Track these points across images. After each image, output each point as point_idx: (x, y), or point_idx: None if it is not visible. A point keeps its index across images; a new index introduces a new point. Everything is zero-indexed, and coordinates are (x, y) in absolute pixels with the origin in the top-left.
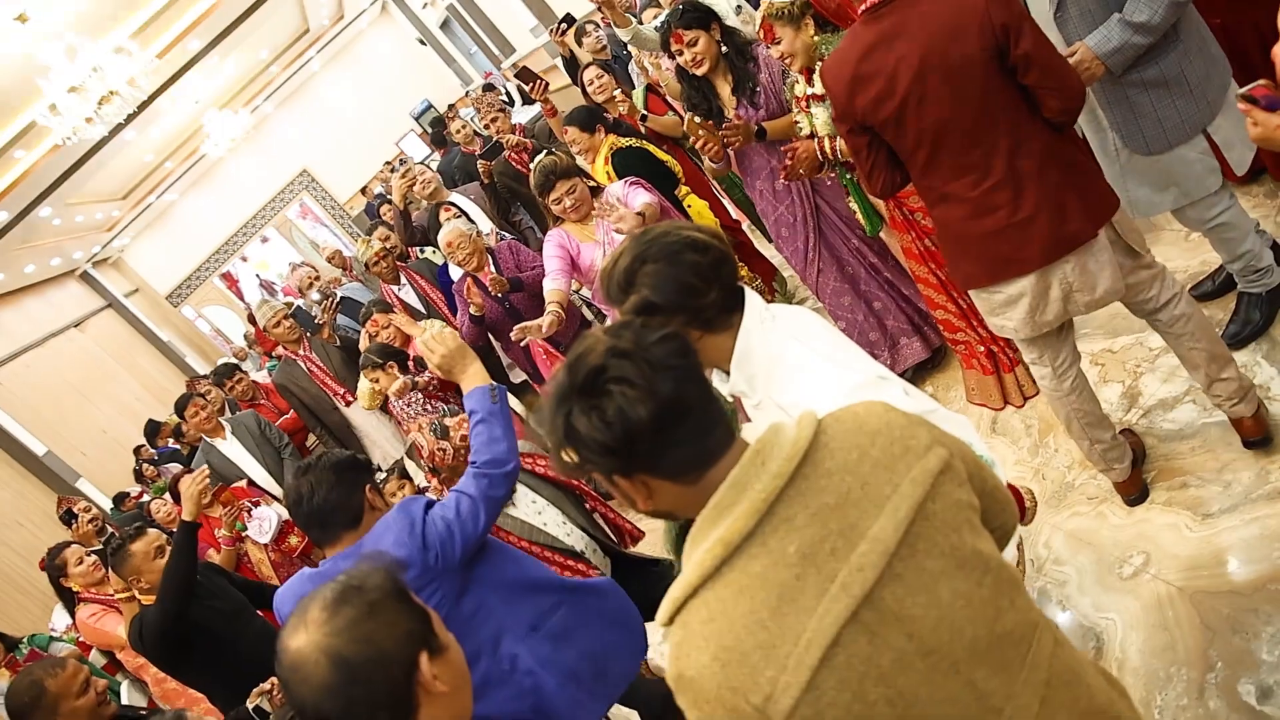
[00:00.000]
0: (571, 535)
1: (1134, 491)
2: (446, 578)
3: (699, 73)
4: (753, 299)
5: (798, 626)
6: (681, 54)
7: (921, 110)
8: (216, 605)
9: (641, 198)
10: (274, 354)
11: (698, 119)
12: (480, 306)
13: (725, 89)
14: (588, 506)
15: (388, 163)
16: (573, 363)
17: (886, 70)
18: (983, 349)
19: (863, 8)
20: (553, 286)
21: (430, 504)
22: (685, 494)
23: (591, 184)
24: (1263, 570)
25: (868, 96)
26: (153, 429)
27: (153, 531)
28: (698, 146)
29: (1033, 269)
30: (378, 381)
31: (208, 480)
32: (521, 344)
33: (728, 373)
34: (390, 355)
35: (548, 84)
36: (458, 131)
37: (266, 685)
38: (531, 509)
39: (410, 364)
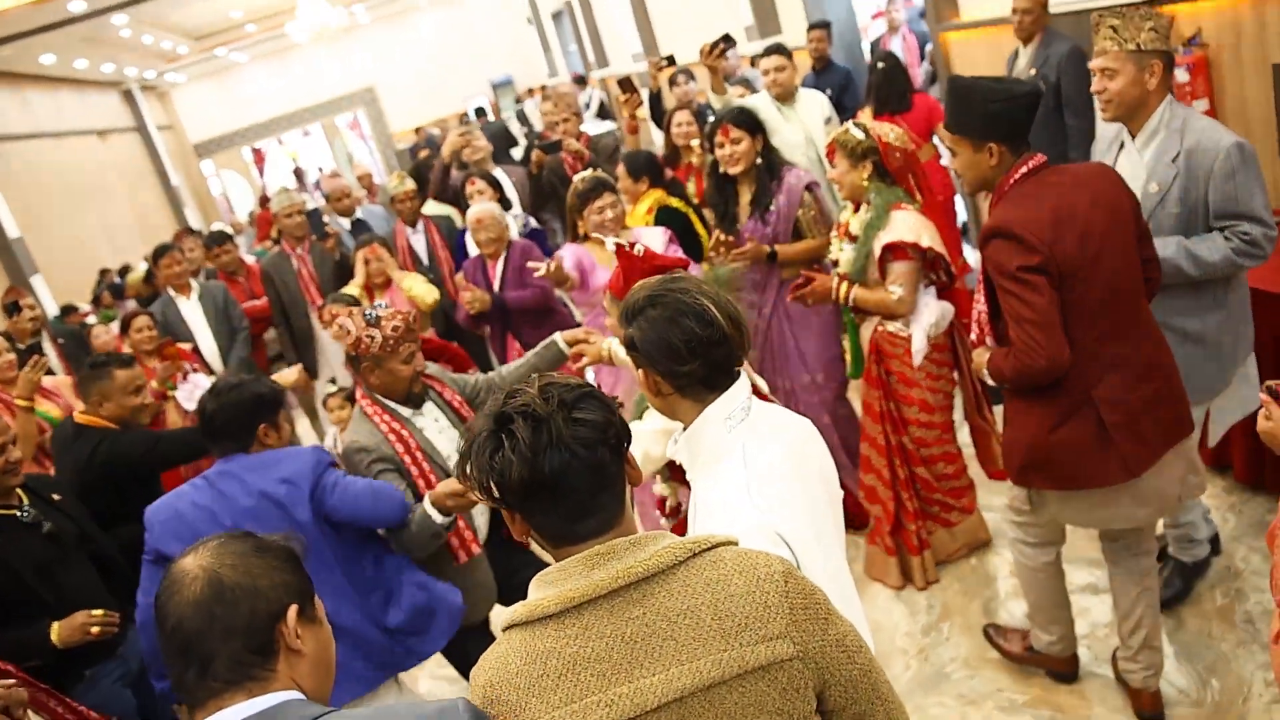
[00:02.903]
0: None
1: (1067, 670)
2: (311, 511)
3: (732, 171)
4: (737, 390)
5: (532, 714)
6: (723, 147)
7: (1112, 257)
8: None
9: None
10: (262, 243)
11: (721, 236)
12: (473, 306)
13: (746, 196)
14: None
15: (415, 128)
16: (509, 392)
17: (1082, 212)
18: (889, 528)
19: (1022, 170)
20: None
21: (334, 462)
22: (550, 551)
23: None
24: None
25: (1074, 234)
26: (117, 289)
27: (139, 369)
28: (712, 258)
29: (1192, 428)
30: (336, 318)
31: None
32: (537, 274)
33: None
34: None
35: (642, 102)
36: (546, 115)
37: None
38: (434, 426)
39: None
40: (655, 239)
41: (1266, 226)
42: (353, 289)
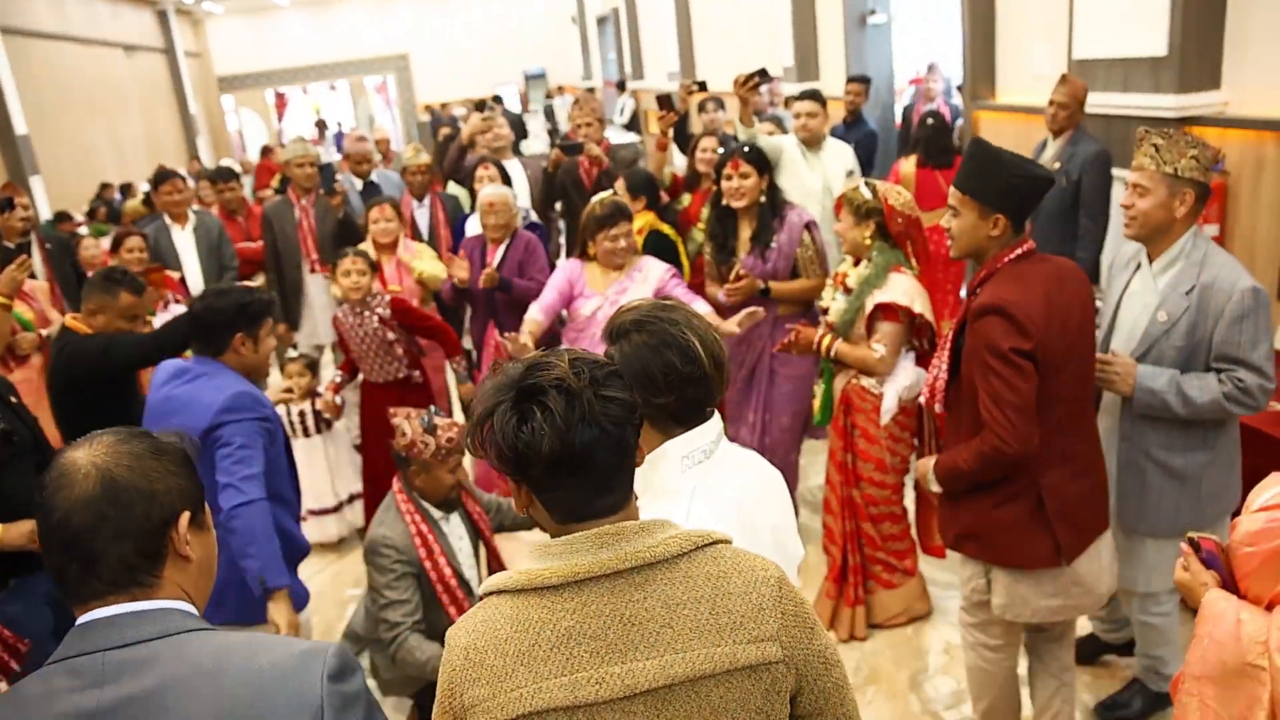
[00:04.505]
0: (472, 570)
1: None
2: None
3: (737, 205)
4: (704, 431)
5: (518, 681)
6: (730, 179)
7: (1080, 353)
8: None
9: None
10: (259, 192)
11: (741, 271)
12: (465, 282)
13: (746, 232)
14: (483, 538)
15: (427, 105)
16: (531, 364)
17: (1065, 304)
18: (836, 573)
19: (1017, 252)
20: (533, 317)
21: (251, 424)
22: (554, 526)
23: None
24: None
25: (1059, 325)
26: (114, 212)
27: (148, 299)
28: (727, 288)
29: (1108, 526)
30: (349, 275)
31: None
32: (495, 339)
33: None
34: (372, 269)
35: (676, 120)
36: (574, 118)
37: None
38: (455, 534)
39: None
40: (656, 271)
41: (1264, 378)
42: (367, 246)
